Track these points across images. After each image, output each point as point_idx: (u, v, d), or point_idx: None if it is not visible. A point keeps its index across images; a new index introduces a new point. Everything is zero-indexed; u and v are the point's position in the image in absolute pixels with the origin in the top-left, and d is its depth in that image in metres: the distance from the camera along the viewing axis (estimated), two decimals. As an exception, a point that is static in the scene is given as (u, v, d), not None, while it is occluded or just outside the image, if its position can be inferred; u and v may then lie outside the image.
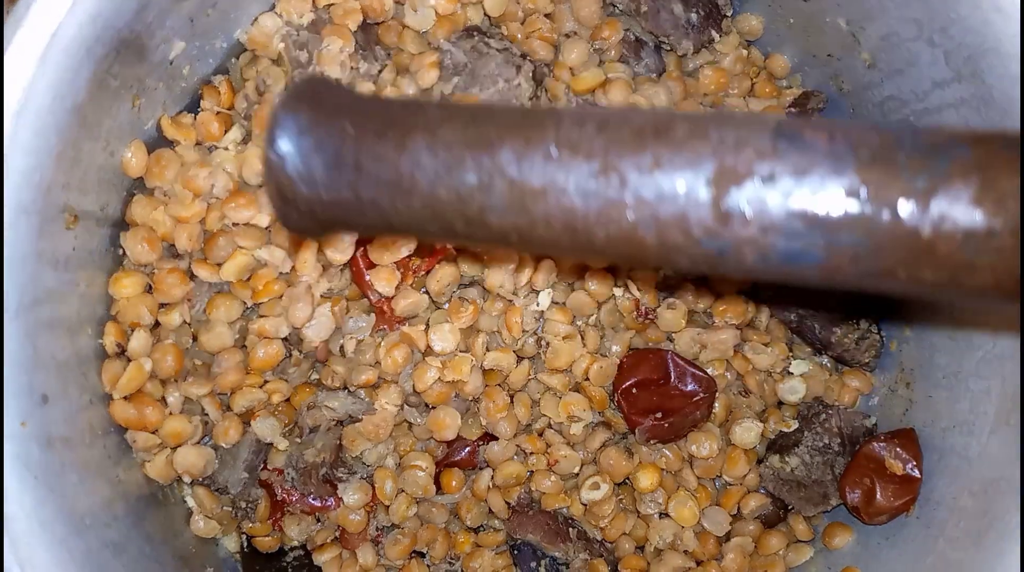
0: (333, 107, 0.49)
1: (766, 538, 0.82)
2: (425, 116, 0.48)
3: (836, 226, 0.42)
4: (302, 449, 0.78)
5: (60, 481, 0.64)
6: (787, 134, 0.43)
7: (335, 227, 0.53)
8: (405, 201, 0.48)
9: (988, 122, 0.68)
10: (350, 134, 0.48)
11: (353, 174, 0.48)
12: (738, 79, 0.84)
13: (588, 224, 0.45)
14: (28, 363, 0.63)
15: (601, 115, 0.46)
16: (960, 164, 0.41)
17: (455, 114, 0.48)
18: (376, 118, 0.49)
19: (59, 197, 0.65)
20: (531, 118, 0.47)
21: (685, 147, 0.44)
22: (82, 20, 0.60)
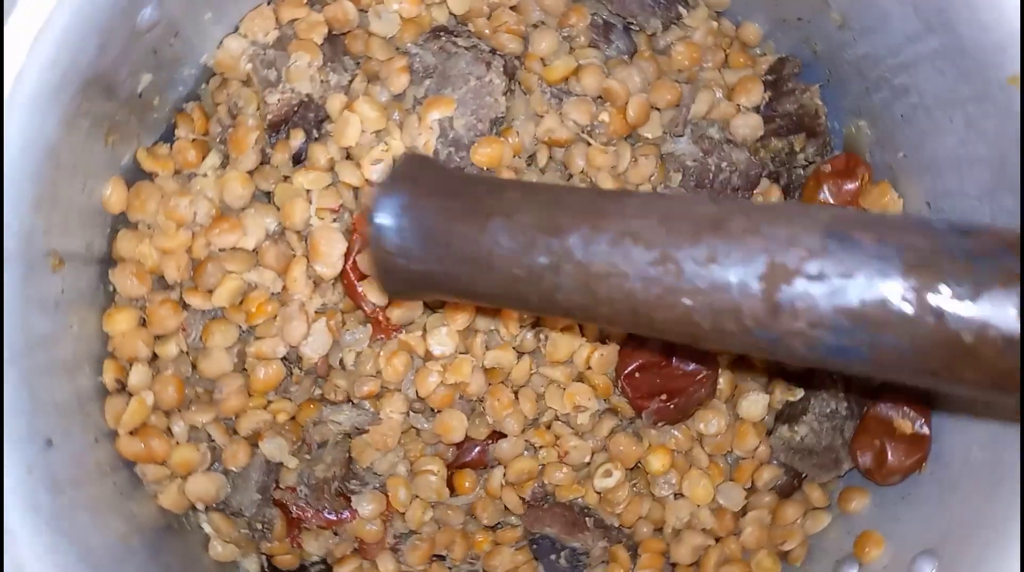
0: (427, 189, 0.56)
1: (782, 508, 0.82)
2: (505, 199, 0.54)
3: (881, 326, 0.44)
4: (312, 465, 0.78)
5: (72, 523, 0.64)
6: (837, 234, 0.45)
7: (428, 293, 0.61)
8: (486, 276, 0.54)
9: (963, 71, 0.67)
10: (440, 215, 0.55)
11: (442, 250, 0.55)
12: (711, 52, 0.84)
13: (648, 307, 0.49)
14: (28, 409, 0.63)
15: (665, 207, 0.50)
16: (1004, 273, 0.43)
17: (531, 197, 0.54)
18: (463, 199, 0.55)
19: (41, 242, 0.65)
20: (599, 205, 0.51)
21: (739, 242, 0.46)
22: (42, 65, 0.60)
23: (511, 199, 0.54)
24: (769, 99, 0.82)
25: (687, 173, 0.80)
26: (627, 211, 0.50)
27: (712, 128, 0.81)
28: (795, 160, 0.83)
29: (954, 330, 0.43)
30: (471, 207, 0.55)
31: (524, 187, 0.57)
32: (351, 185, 0.76)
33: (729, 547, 0.81)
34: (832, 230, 0.45)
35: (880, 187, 0.79)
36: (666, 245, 0.48)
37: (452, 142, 0.78)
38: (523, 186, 0.58)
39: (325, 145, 0.77)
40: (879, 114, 0.78)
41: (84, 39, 0.62)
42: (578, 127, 0.79)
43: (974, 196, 0.71)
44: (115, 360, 0.73)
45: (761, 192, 0.82)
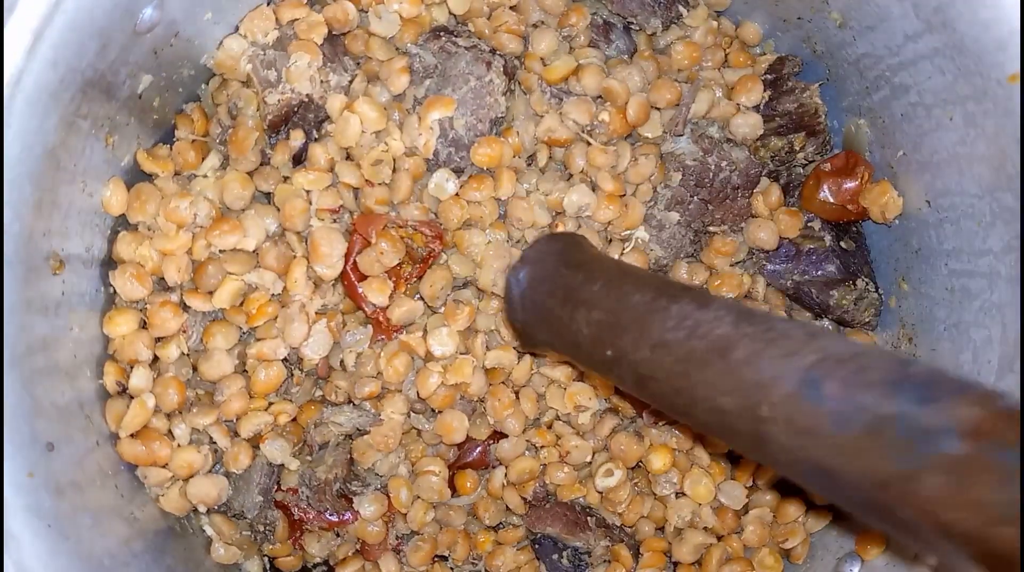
0: (543, 273, 0.70)
1: (784, 507, 0.82)
2: (589, 293, 0.65)
3: (829, 470, 0.49)
4: (314, 467, 0.78)
5: (74, 526, 0.64)
6: (809, 380, 0.50)
7: (555, 353, 0.77)
8: (578, 354, 0.68)
9: (962, 69, 0.68)
10: (547, 298, 0.69)
11: (545, 325, 0.69)
12: (711, 51, 0.84)
13: (683, 402, 0.58)
14: (29, 413, 0.63)
15: (691, 324, 0.57)
16: (944, 459, 0.45)
17: (607, 293, 0.64)
18: (565, 286, 0.67)
19: (41, 244, 0.65)
20: (650, 313, 0.60)
21: (736, 370, 0.53)
22: (42, 67, 0.60)
23: (593, 294, 0.65)
24: (769, 98, 0.82)
25: (687, 172, 0.80)
26: (668, 321, 0.58)
27: (712, 127, 0.81)
28: (795, 159, 0.83)
29: (885, 491, 0.47)
30: (566, 295, 0.67)
31: (608, 281, 0.65)
32: (351, 185, 0.76)
33: (731, 545, 0.81)
34: (807, 378, 0.50)
35: (880, 186, 0.79)
36: (689, 368, 0.56)
37: (452, 142, 0.78)
38: (608, 280, 0.66)
39: (325, 145, 0.77)
40: (879, 113, 0.79)
41: (84, 41, 0.62)
42: (578, 127, 0.79)
43: (974, 194, 0.71)
44: (116, 363, 0.72)
45: (761, 191, 0.82)
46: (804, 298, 0.83)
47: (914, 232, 0.79)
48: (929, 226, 0.77)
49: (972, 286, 0.73)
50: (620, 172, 0.79)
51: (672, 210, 0.80)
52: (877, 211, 0.80)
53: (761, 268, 0.83)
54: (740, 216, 0.81)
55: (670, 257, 0.81)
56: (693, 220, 0.81)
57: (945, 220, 0.75)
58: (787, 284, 0.83)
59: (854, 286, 0.82)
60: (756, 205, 0.82)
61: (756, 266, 0.83)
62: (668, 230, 0.81)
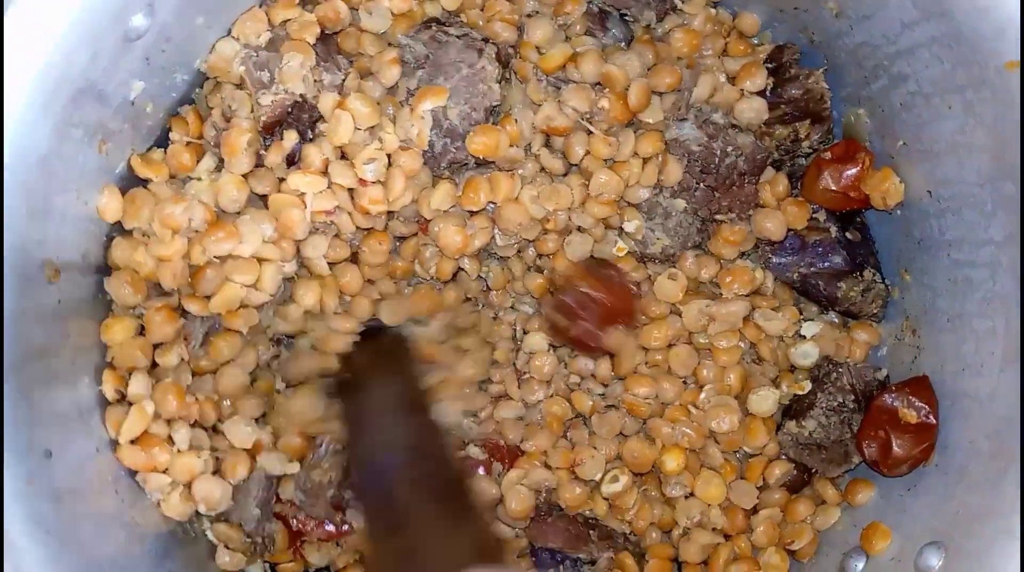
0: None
1: (794, 505, 0.81)
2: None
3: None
4: (309, 470, 0.78)
5: (74, 533, 0.64)
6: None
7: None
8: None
9: (961, 58, 0.67)
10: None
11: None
12: (711, 39, 0.83)
13: None
14: (27, 420, 0.63)
15: None
16: None
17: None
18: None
19: (37, 253, 0.64)
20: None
21: None
22: (33, 76, 0.60)
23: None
24: (773, 85, 0.81)
25: (692, 158, 0.79)
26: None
27: (716, 113, 0.80)
28: (799, 148, 0.82)
29: None
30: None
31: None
32: (345, 187, 0.76)
33: (739, 545, 0.81)
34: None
35: (882, 172, 0.78)
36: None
37: (447, 132, 0.77)
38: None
39: (319, 145, 0.76)
40: (877, 102, 0.78)
41: (75, 49, 0.62)
42: (577, 114, 0.78)
43: (974, 183, 0.70)
44: (114, 370, 0.72)
45: (767, 181, 0.82)
46: (811, 291, 0.82)
47: (915, 222, 0.78)
48: (930, 216, 0.76)
49: (974, 276, 0.72)
50: (623, 160, 0.79)
51: (678, 197, 0.80)
52: (879, 198, 0.79)
53: (767, 261, 0.82)
54: (747, 203, 0.80)
55: (677, 246, 0.81)
56: (700, 207, 0.80)
57: (946, 210, 0.74)
58: (794, 277, 0.82)
59: (861, 277, 0.81)
60: (763, 195, 0.81)
61: (762, 259, 0.82)
62: (675, 218, 0.80)
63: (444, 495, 0.66)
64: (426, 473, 0.67)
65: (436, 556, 0.59)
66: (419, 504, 0.64)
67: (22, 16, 0.59)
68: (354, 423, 0.73)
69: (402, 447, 0.70)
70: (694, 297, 0.81)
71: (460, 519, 0.64)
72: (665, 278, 0.80)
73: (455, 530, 0.62)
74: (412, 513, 0.63)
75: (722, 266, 0.82)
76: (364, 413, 0.73)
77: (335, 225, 0.77)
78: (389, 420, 0.73)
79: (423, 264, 0.81)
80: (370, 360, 0.78)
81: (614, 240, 0.82)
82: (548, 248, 0.81)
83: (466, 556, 0.58)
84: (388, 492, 0.65)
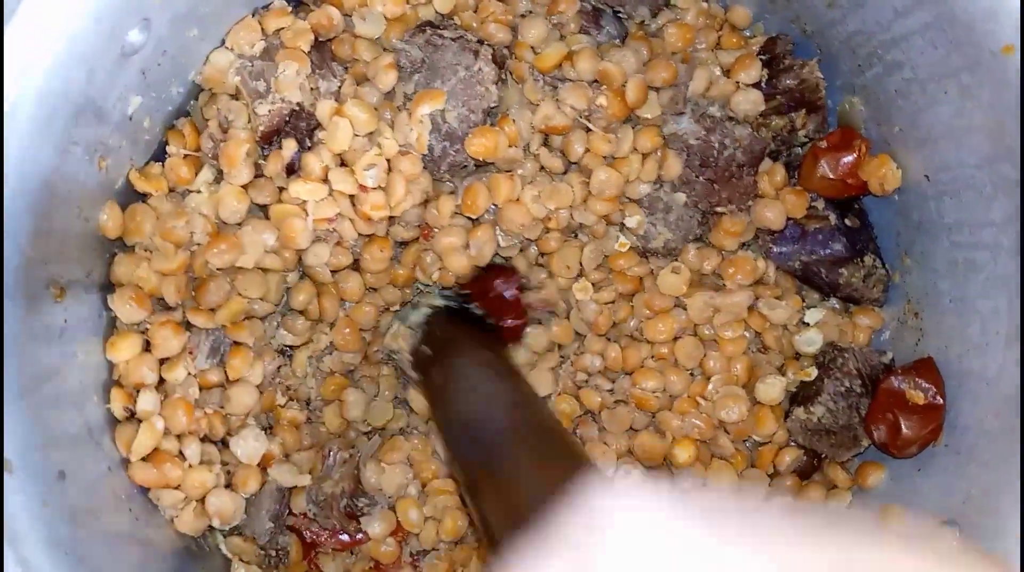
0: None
1: (805, 491, 0.82)
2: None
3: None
4: (320, 482, 0.78)
5: (91, 553, 0.64)
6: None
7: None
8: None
9: (955, 42, 0.68)
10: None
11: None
12: (704, 33, 0.83)
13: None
14: (39, 442, 0.62)
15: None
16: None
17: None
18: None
19: (42, 273, 0.64)
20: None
21: None
22: (32, 97, 0.59)
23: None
24: (768, 77, 0.82)
25: (691, 152, 0.79)
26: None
27: (713, 107, 0.80)
28: (796, 138, 0.83)
29: None
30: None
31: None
32: (346, 194, 0.76)
33: (750, 533, 0.81)
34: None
35: (879, 158, 0.79)
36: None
37: (446, 136, 0.77)
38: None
39: (318, 153, 0.76)
40: (872, 90, 0.78)
41: (71, 68, 0.62)
42: (576, 112, 0.78)
43: (972, 166, 0.71)
44: (122, 388, 0.72)
45: (765, 171, 0.82)
46: (813, 278, 0.82)
47: (915, 207, 0.78)
48: (929, 200, 0.76)
49: (976, 258, 0.73)
50: (622, 156, 0.79)
51: (679, 191, 0.80)
52: (876, 184, 0.79)
53: (768, 251, 0.83)
54: (747, 194, 0.81)
55: (679, 240, 0.81)
56: (700, 201, 0.80)
57: (945, 193, 0.75)
58: (795, 265, 0.82)
59: (862, 263, 0.81)
60: (762, 186, 0.82)
61: (762, 249, 0.83)
62: (675, 212, 0.80)
63: (552, 437, 0.65)
64: (529, 424, 0.66)
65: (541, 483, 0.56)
66: (529, 444, 0.63)
67: (20, 35, 0.59)
68: (441, 392, 0.72)
69: (506, 404, 0.69)
70: (698, 289, 0.81)
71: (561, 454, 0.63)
72: (668, 272, 0.81)
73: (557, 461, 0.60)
74: (523, 451, 0.62)
75: (724, 257, 0.82)
76: (452, 382, 0.72)
77: (337, 232, 0.77)
78: (481, 385, 0.72)
79: (424, 270, 0.81)
80: (453, 336, 0.79)
81: (616, 236, 0.82)
82: (551, 247, 0.81)
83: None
84: (494, 444, 0.63)
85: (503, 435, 0.63)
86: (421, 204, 0.79)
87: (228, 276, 0.74)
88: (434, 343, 0.78)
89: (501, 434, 0.64)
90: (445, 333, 0.80)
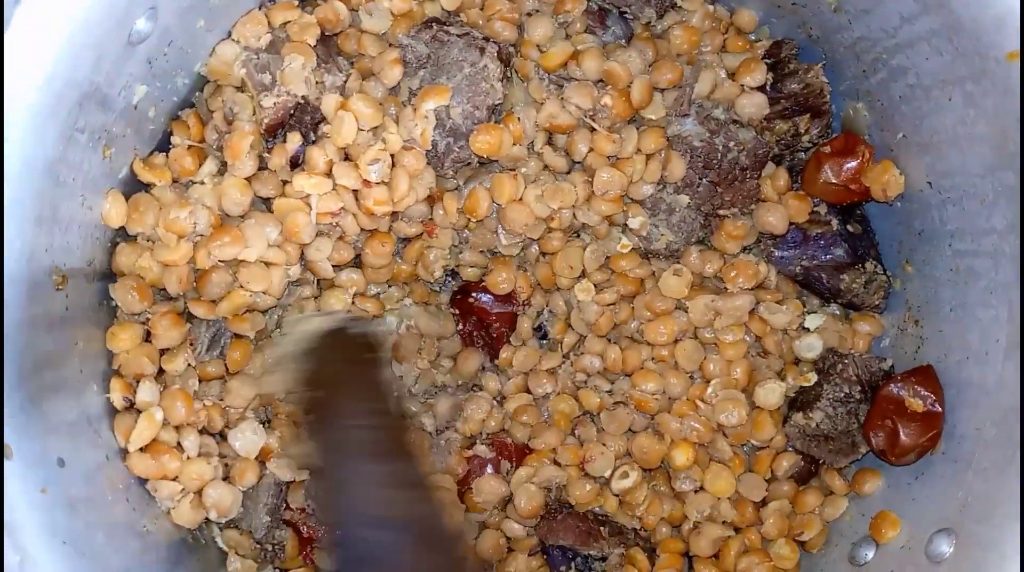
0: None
1: (802, 497, 0.82)
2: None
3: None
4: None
5: (89, 543, 0.64)
6: None
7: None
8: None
9: (960, 50, 0.68)
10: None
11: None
12: (709, 35, 0.83)
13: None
14: (39, 429, 0.62)
15: None
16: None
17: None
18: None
19: (44, 260, 0.64)
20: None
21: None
22: (39, 82, 0.59)
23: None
24: (773, 81, 0.82)
25: (695, 154, 0.79)
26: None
27: (717, 109, 0.80)
28: (799, 143, 0.83)
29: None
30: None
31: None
32: (349, 188, 0.76)
33: (749, 537, 0.81)
34: None
35: (882, 164, 0.79)
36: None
37: (450, 132, 0.77)
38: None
39: (323, 147, 0.76)
40: (877, 96, 0.78)
41: (79, 54, 0.62)
42: (580, 112, 0.78)
43: (975, 174, 0.71)
44: (122, 377, 0.72)
45: (768, 175, 0.82)
46: (814, 283, 0.82)
47: (916, 214, 0.78)
48: (931, 207, 0.76)
49: (977, 266, 0.73)
50: (627, 156, 0.79)
51: (682, 193, 0.80)
52: (879, 190, 0.79)
53: (769, 255, 0.83)
54: (749, 198, 0.81)
55: (681, 242, 0.81)
56: (703, 203, 0.80)
57: (947, 201, 0.75)
58: (796, 270, 0.82)
59: (863, 269, 0.82)
60: (765, 190, 0.82)
61: (764, 253, 0.83)
62: (678, 214, 0.80)
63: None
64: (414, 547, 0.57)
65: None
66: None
67: (27, 20, 0.59)
68: (330, 456, 0.62)
69: (389, 520, 0.58)
70: (699, 292, 0.81)
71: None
72: (670, 274, 0.81)
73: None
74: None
75: (726, 261, 0.82)
76: (341, 450, 0.61)
77: (339, 227, 0.77)
78: (370, 472, 0.60)
79: (427, 267, 0.81)
80: (342, 374, 0.67)
81: (618, 237, 0.82)
82: (553, 246, 0.81)
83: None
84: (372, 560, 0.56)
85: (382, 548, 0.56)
86: (425, 200, 0.79)
87: (230, 268, 0.74)
88: (318, 383, 0.66)
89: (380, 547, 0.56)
90: (330, 369, 0.67)
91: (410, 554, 0.56)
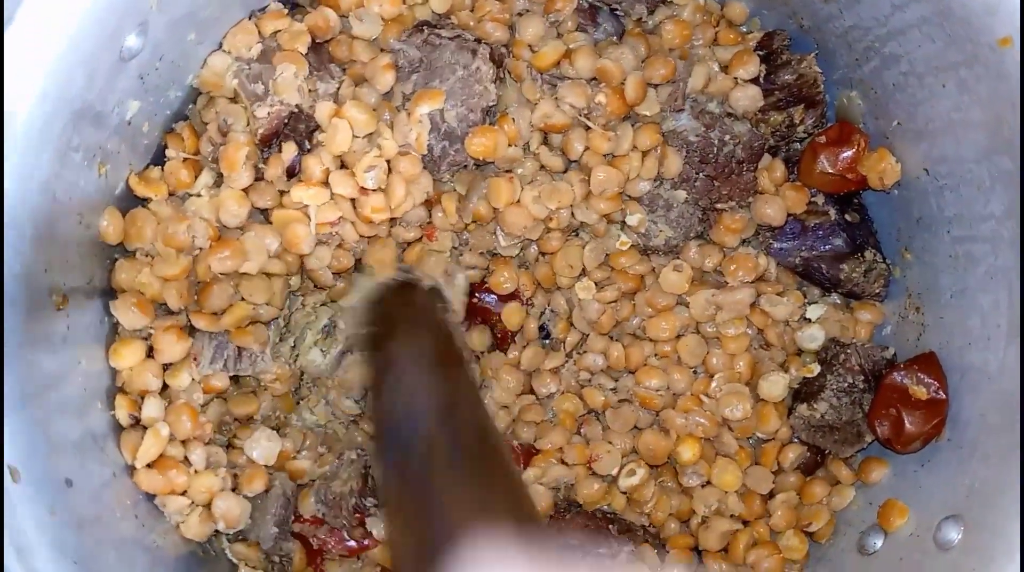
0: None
1: (809, 488, 0.82)
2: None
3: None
4: (328, 481, 0.78)
5: (99, 561, 0.64)
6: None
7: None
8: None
9: (952, 36, 0.68)
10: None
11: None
12: (701, 29, 0.83)
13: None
14: (44, 451, 0.62)
15: None
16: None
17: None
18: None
19: (43, 280, 0.64)
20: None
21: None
22: (32, 102, 0.59)
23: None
24: (766, 72, 0.82)
25: (691, 149, 0.79)
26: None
27: (711, 103, 0.80)
28: (794, 133, 0.83)
29: None
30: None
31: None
32: (346, 197, 0.76)
33: (757, 530, 0.81)
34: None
35: (878, 153, 0.79)
36: None
37: (445, 135, 0.77)
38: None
39: (318, 156, 0.76)
40: (870, 84, 0.78)
41: (71, 72, 0.61)
42: (575, 110, 0.78)
43: (971, 159, 0.71)
44: (126, 394, 0.72)
45: (765, 167, 0.82)
46: (814, 274, 0.83)
47: (914, 201, 0.79)
48: (929, 194, 0.77)
49: (976, 252, 0.73)
50: (622, 154, 0.79)
51: (679, 188, 0.80)
52: (876, 178, 0.79)
53: (768, 247, 0.83)
54: (747, 191, 0.81)
55: (679, 237, 0.81)
56: (700, 197, 0.80)
57: (944, 187, 0.75)
58: (795, 261, 0.83)
59: (863, 258, 0.82)
60: (761, 182, 0.82)
61: (763, 245, 0.83)
62: (676, 209, 0.80)
63: (472, 455, 0.61)
64: (454, 433, 0.61)
65: (460, 514, 0.54)
66: (444, 462, 0.59)
67: (19, 39, 0.59)
68: (382, 374, 0.68)
69: (432, 406, 0.64)
70: (699, 287, 0.81)
71: (487, 478, 0.59)
72: (670, 270, 0.81)
73: (482, 489, 0.58)
74: (436, 471, 0.58)
75: (725, 254, 0.82)
76: (394, 366, 0.68)
77: (338, 235, 0.77)
78: (420, 375, 0.67)
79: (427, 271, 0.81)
80: (403, 313, 0.76)
81: (617, 234, 0.82)
82: (552, 246, 0.81)
83: (493, 513, 0.54)
84: (411, 449, 0.60)
85: (426, 443, 0.60)
86: (422, 204, 0.79)
87: (232, 280, 0.74)
88: (381, 321, 0.74)
89: (425, 442, 0.60)
90: (393, 311, 0.76)
91: (451, 436, 0.60)
